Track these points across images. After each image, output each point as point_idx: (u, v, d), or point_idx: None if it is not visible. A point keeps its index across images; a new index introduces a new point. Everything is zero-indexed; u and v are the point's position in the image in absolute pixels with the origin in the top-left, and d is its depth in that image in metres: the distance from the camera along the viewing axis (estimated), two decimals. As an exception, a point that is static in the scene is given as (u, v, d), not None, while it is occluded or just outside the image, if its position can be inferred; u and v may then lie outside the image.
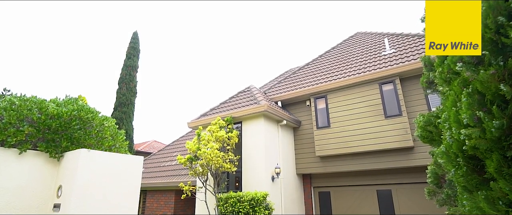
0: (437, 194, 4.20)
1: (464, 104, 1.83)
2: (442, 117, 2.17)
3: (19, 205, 3.28)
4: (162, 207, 10.65)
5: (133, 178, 3.78)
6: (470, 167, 1.82)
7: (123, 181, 3.66)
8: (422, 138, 2.88)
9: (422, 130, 2.85)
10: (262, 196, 6.66)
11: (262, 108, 7.98)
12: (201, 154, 7.24)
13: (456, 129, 1.85)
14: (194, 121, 9.42)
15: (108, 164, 3.57)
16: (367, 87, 8.58)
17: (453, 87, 2.07)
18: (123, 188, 3.64)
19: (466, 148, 1.76)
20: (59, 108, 3.80)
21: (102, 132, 4.21)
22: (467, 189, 1.89)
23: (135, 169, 3.84)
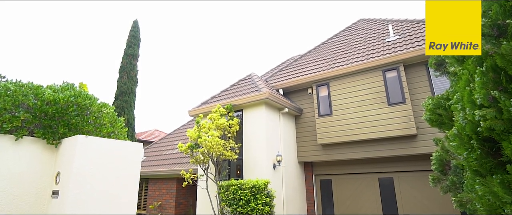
0: (442, 181, 4.13)
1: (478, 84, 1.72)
2: (454, 98, 2.06)
3: (16, 191, 3.23)
4: (164, 195, 10.70)
5: (132, 164, 3.71)
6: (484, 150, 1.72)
7: (122, 168, 3.60)
8: (431, 121, 2.78)
9: (431, 113, 2.75)
10: (263, 184, 6.64)
11: (263, 95, 7.87)
12: (202, 141, 7.18)
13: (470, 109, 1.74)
14: (195, 109, 9.34)
15: (106, 150, 3.50)
16: (370, 75, 8.43)
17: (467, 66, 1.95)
18: (122, 174, 3.58)
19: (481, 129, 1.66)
20: (55, 94, 3.71)
21: (100, 119, 4.13)
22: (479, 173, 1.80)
23: (135, 156, 3.77)
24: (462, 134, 1.87)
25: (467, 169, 2.06)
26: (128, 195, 3.59)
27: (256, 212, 6.39)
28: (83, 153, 3.27)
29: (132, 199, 3.62)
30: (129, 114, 17.77)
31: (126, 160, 3.67)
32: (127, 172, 3.64)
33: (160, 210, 10.51)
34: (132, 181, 3.66)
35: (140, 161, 3.83)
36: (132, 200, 3.62)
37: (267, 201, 6.54)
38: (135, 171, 3.72)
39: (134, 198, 3.66)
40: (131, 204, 3.60)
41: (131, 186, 3.65)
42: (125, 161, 3.66)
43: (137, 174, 3.74)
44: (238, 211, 6.62)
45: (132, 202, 3.61)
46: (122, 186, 3.54)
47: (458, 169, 3.81)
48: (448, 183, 3.89)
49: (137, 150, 3.83)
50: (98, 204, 3.27)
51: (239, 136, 8.30)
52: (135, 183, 3.69)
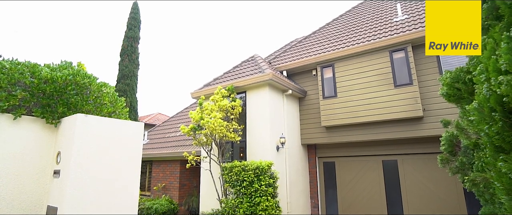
0: (451, 162, 4.04)
1: (503, 50, 1.57)
2: (477, 69, 1.92)
3: (16, 171, 3.19)
4: (167, 177, 10.79)
5: (134, 143, 3.64)
6: (508, 123, 1.60)
7: (124, 147, 3.53)
8: (448, 96, 2.65)
9: (449, 88, 2.61)
10: (267, 165, 6.61)
11: (266, 76, 7.72)
12: (204, 123, 7.11)
13: (496, 79, 1.60)
14: (198, 91, 9.22)
15: (107, 129, 3.42)
16: (377, 55, 8.20)
17: (493, 34, 1.80)
18: (124, 153, 3.52)
19: (508, 99, 1.53)
20: (53, 72, 3.59)
21: (100, 98, 4.03)
22: (502, 149, 1.69)
23: (136, 135, 3.70)
24: (484, 107, 1.74)
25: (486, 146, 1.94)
26: (131, 175, 3.54)
27: (259, 193, 6.40)
28: (83, 132, 3.19)
29: (134, 178, 3.57)
30: (132, 97, 17.74)
31: (127, 139, 3.60)
32: (128, 151, 3.58)
33: (164, 191, 10.63)
34: (134, 160, 3.60)
35: (142, 140, 3.75)
36: (134, 179, 3.57)
37: (270, 182, 6.53)
38: (137, 150, 3.66)
39: (136, 177, 3.61)
40: (134, 183, 3.56)
41: (133, 165, 3.59)
42: (126, 140, 3.58)
43: (139, 153, 3.68)
44: (241, 192, 6.64)
45: (134, 182, 3.57)
46: (124, 165, 3.49)
47: (468, 150, 3.70)
48: (457, 164, 3.80)
49: (139, 129, 3.75)
50: (99, 183, 3.22)
51: (242, 118, 8.22)
52: (137, 162, 3.63)
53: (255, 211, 6.34)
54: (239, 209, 6.52)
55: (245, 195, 6.57)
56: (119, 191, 3.40)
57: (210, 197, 8.06)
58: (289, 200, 7.72)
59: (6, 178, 3.11)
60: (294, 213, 7.98)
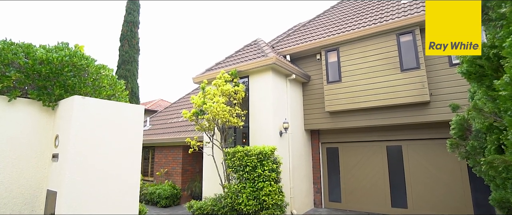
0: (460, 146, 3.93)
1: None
2: (507, 40, 1.76)
3: (13, 155, 3.10)
4: (170, 162, 10.79)
5: (134, 127, 3.53)
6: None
7: (124, 130, 3.42)
8: (468, 74, 2.52)
9: (470, 65, 2.46)
10: (270, 150, 6.53)
11: (270, 60, 7.52)
12: (207, 108, 6.99)
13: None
14: (199, 75, 9.06)
15: (106, 112, 3.30)
16: (383, 39, 7.96)
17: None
18: (124, 137, 3.41)
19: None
20: (48, 53, 3.44)
21: (98, 81, 3.90)
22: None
23: (136, 118, 3.58)
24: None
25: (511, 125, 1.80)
26: (131, 158, 3.45)
27: (262, 178, 6.35)
28: (80, 114, 3.07)
29: (135, 161, 3.48)
30: (133, 83, 17.61)
31: (127, 122, 3.49)
32: (129, 134, 3.47)
33: (167, 176, 10.65)
34: (134, 143, 3.50)
35: (142, 122, 3.64)
36: (135, 162, 3.48)
37: (273, 167, 6.47)
38: (137, 133, 3.55)
39: (137, 160, 3.51)
40: (135, 166, 3.47)
41: (134, 149, 3.49)
42: (126, 123, 3.47)
43: (139, 136, 3.57)
44: (244, 177, 6.59)
45: (135, 165, 3.48)
46: (124, 149, 3.39)
47: (480, 134, 3.58)
48: (468, 148, 3.69)
49: (139, 112, 3.63)
50: (99, 166, 3.13)
51: (245, 103, 8.09)
52: (137, 145, 3.53)
53: (258, 196, 6.31)
54: (242, 194, 6.50)
55: (248, 180, 6.53)
56: (120, 174, 3.31)
57: (212, 182, 8.05)
58: (292, 185, 7.69)
59: (3, 162, 3.02)
60: (297, 198, 7.98)
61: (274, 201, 6.32)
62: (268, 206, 6.31)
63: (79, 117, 3.06)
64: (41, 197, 3.27)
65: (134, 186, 3.45)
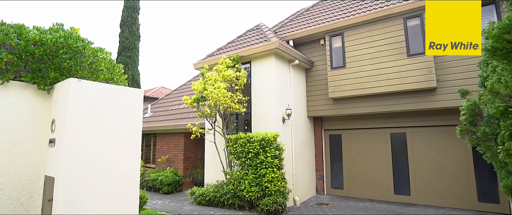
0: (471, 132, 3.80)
1: None
2: None
3: (8, 140, 3.00)
4: (172, 149, 10.76)
5: (133, 111, 3.41)
6: None
7: (122, 115, 3.31)
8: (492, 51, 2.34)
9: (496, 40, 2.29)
10: (272, 137, 6.43)
11: (273, 45, 7.32)
12: (208, 94, 6.86)
13: None
14: (200, 61, 8.88)
15: (103, 96, 3.18)
16: (390, 23, 7.70)
17: None
18: (123, 122, 3.30)
19: None
20: (42, 34, 3.29)
21: (96, 64, 3.75)
22: None
23: (135, 102, 3.46)
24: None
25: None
26: (131, 143, 3.35)
27: (265, 165, 6.28)
28: (77, 97, 2.95)
29: (134, 148, 3.38)
30: (133, 70, 17.43)
31: (126, 106, 3.37)
32: (128, 119, 3.35)
33: (168, 163, 10.64)
34: (134, 129, 3.39)
35: (142, 107, 3.52)
36: (134, 149, 3.38)
37: (276, 154, 6.39)
38: (136, 118, 3.43)
39: (137, 146, 3.41)
40: (134, 152, 3.37)
41: (133, 134, 3.38)
42: (125, 107, 3.35)
43: (139, 121, 3.46)
44: (246, 163, 6.53)
45: (134, 151, 3.38)
46: (123, 134, 3.28)
47: (493, 119, 3.44)
48: (479, 135, 3.55)
49: (138, 96, 3.50)
50: (97, 152, 3.03)
51: (247, 89, 7.94)
52: (137, 130, 3.42)
53: (260, 183, 6.25)
54: (244, 181, 6.45)
55: (251, 166, 6.46)
56: (119, 160, 3.22)
57: (215, 169, 8.01)
58: (294, 172, 7.63)
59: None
60: (300, 185, 7.94)
61: (276, 188, 6.27)
62: (271, 193, 6.27)
63: (75, 101, 2.94)
64: (39, 183, 3.19)
65: (134, 172, 3.36)
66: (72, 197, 2.80)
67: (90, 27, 65.67)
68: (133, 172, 3.36)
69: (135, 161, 3.39)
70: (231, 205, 6.80)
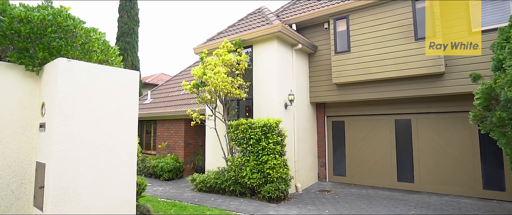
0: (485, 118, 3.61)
1: None
2: None
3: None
4: (172, 136, 10.64)
5: (128, 94, 3.22)
6: None
7: (117, 98, 3.12)
8: None
9: None
10: (274, 123, 6.26)
11: (275, 28, 7.04)
12: (207, 79, 6.65)
13: None
14: (201, 45, 8.61)
15: (96, 77, 2.98)
16: (397, 5, 7.37)
17: None
18: (117, 106, 3.12)
19: None
20: (28, 11, 3.07)
21: (88, 44, 3.54)
22: None
23: (131, 85, 3.26)
24: None
25: None
26: (126, 128, 3.17)
27: (267, 151, 6.13)
28: (66, 79, 2.76)
29: (130, 132, 3.21)
30: (133, 56, 17.14)
31: (121, 89, 3.17)
32: (123, 102, 3.17)
33: (169, 150, 10.55)
34: (129, 112, 3.21)
35: (138, 90, 3.33)
36: (130, 133, 3.21)
37: (278, 140, 6.24)
38: (132, 102, 3.25)
39: (133, 131, 3.24)
40: (130, 137, 3.20)
41: (129, 118, 3.21)
42: (120, 90, 3.16)
43: (134, 104, 3.27)
44: (248, 150, 6.39)
45: (130, 135, 3.21)
46: (118, 118, 3.10)
47: (510, 104, 3.24)
48: (494, 120, 3.36)
49: (134, 78, 3.31)
50: (90, 136, 2.86)
51: (249, 74, 7.72)
52: (132, 114, 3.24)
53: (262, 169, 6.13)
54: (245, 167, 6.33)
55: (252, 153, 6.32)
56: (114, 145, 3.05)
57: (215, 155, 7.89)
58: (296, 159, 7.51)
59: (-17, 130, 2.76)
60: (302, 171, 7.83)
61: (278, 175, 6.15)
62: (273, 180, 6.15)
63: (65, 82, 2.74)
64: (30, 169, 3.04)
65: (131, 158, 3.20)
66: (64, 184, 2.64)
67: (88, 12, 64.64)
68: (130, 157, 3.20)
69: (132, 147, 3.23)
70: (232, 192, 6.71)
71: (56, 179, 2.62)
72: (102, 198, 2.90)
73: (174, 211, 5.37)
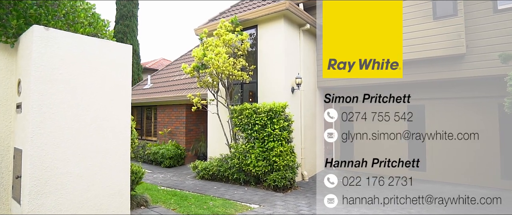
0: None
1: None
2: None
3: (-39, 102, 2.43)
4: (173, 122, 10.28)
5: (120, 71, 2.81)
6: None
7: (106, 74, 2.71)
8: None
9: None
10: (281, 107, 5.85)
11: (282, 6, 6.51)
12: (208, 60, 6.20)
13: None
14: (202, 26, 8.10)
15: (80, 50, 2.56)
16: (415, -19, 6.80)
17: None
18: (105, 85, 2.70)
19: None
20: (1, -28, 2.61)
21: (74, 15, 3.09)
22: None
23: (123, 60, 2.84)
24: None
25: None
26: (117, 108, 2.77)
27: (273, 138, 5.75)
28: (43, 50, 2.33)
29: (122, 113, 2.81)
30: (132, 39, 16.62)
31: (111, 64, 2.76)
32: (113, 79, 2.76)
33: (170, 136, 10.22)
34: (120, 93, 2.80)
35: (130, 66, 2.90)
36: (122, 117, 2.81)
37: (285, 126, 5.84)
38: (124, 79, 2.84)
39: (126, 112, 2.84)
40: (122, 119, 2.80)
41: (121, 97, 2.80)
42: (109, 65, 2.74)
43: (127, 83, 2.86)
44: (253, 136, 6.01)
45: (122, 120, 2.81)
46: (107, 96, 2.70)
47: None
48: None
49: (125, 53, 2.88)
50: (74, 118, 2.46)
51: (253, 56, 7.25)
52: (124, 94, 2.83)
53: (268, 157, 5.77)
54: (250, 155, 5.97)
55: (257, 139, 5.95)
56: (104, 129, 2.66)
57: (218, 142, 7.53)
58: (303, 146, 7.14)
59: None
60: (308, 159, 7.48)
61: (285, 162, 5.80)
62: (279, 167, 5.80)
63: (42, 54, 2.32)
64: (8, 157, 2.67)
65: (122, 143, 2.82)
66: (42, 174, 2.27)
67: (88, -3, 63.26)
68: (122, 143, 2.81)
69: (124, 131, 2.84)
70: (236, 180, 6.38)
71: (34, 167, 2.24)
72: (90, 190, 2.54)
73: (174, 201, 5.05)
